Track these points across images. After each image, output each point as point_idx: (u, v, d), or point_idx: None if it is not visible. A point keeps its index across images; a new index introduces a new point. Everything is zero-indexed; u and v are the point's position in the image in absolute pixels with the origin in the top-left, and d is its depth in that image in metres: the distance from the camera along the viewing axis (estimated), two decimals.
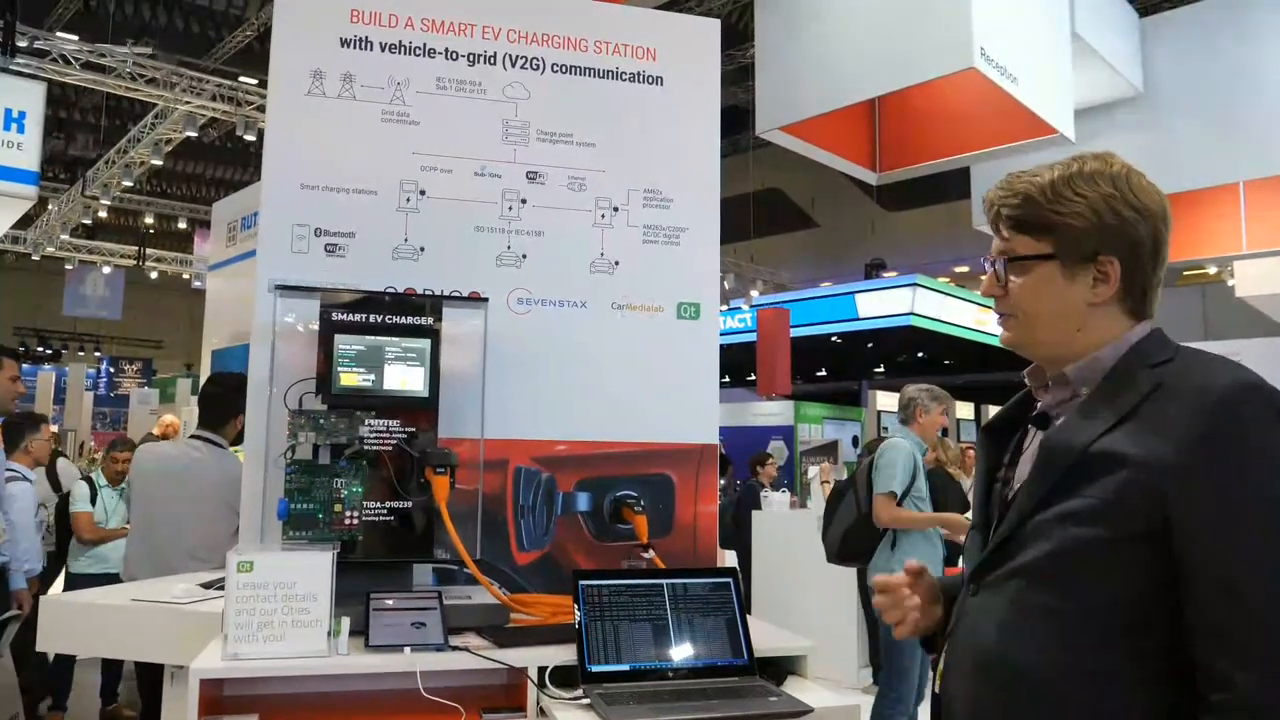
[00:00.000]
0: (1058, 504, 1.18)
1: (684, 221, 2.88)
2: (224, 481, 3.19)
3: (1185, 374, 1.17)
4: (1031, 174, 1.29)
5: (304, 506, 2.26)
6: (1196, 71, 5.92)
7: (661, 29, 2.97)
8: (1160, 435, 1.12)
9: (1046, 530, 1.18)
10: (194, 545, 3.19)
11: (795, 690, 1.97)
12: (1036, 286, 1.27)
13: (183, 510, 3.24)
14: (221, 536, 3.14)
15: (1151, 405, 1.15)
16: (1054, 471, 1.19)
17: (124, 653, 2.51)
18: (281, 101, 2.64)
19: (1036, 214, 1.27)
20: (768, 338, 14.08)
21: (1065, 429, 1.23)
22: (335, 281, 2.51)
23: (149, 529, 3.31)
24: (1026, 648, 1.18)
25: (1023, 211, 1.28)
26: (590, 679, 1.93)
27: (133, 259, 19.46)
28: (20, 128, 7.49)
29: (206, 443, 3.34)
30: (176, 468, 3.34)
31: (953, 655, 1.31)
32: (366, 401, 2.35)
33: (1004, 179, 1.33)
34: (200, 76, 11.86)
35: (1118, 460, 1.13)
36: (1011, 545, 1.23)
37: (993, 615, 1.23)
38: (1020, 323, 1.30)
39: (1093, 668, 1.13)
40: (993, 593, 1.25)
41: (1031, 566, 1.19)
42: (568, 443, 2.73)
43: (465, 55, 2.77)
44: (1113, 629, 1.13)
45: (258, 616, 1.91)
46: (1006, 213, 1.30)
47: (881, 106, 5.82)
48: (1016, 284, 1.29)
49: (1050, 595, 1.17)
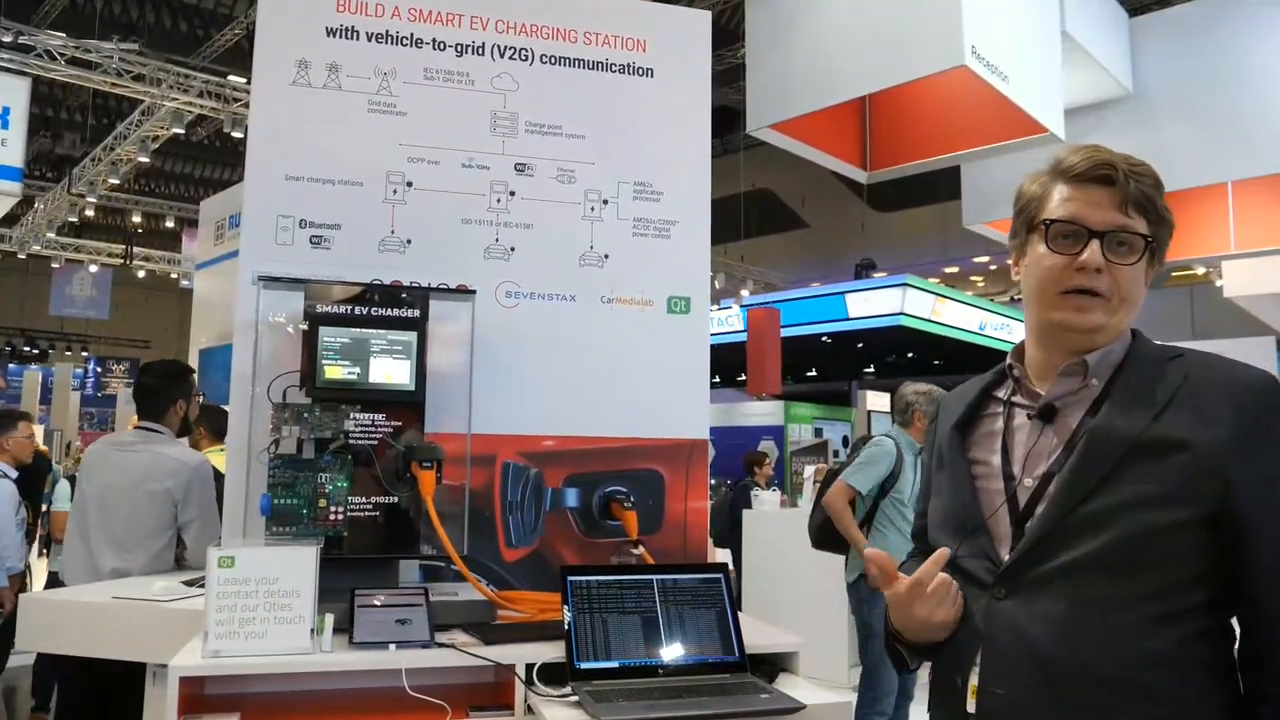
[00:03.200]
0: (1112, 493, 1.15)
1: (674, 215, 2.86)
2: (154, 467, 3.08)
3: (1205, 367, 1.19)
4: (1131, 157, 1.24)
5: (287, 501, 2.22)
6: (1185, 71, 5.94)
7: (652, 20, 2.95)
8: (1210, 422, 1.13)
9: (1103, 520, 1.15)
10: (119, 535, 3.03)
11: (787, 687, 1.95)
12: (1139, 272, 1.24)
13: (111, 499, 3.08)
14: (149, 525, 3.03)
15: (1187, 395, 1.17)
16: (1106, 461, 1.17)
17: (104, 651, 2.46)
18: (266, 91, 2.61)
19: (1158, 200, 1.23)
20: (758, 338, 14.09)
21: (1109, 419, 1.19)
22: (320, 274, 2.47)
23: (81, 518, 3.15)
24: (1095, 645, 1.13)
25: (1155, 193, 1.23)
26: (579, 676, 1.90)
27: (120, 258, 19.31)
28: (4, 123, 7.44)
29: (146, 431, 3.25)
30: (115, 458, 3.19)
31: (994, 667, 1.21)
32: (352, 395, 2.31)
33: (1110, 152, 1.24)
34: (187, 73, 11.78)
35: (1175, 445, 1.13)
36: (1051, 541, 1.18)
37: (1043, 616, 1.17)
38: (1113, 306, 1.23)
39: (1171, 655, 1.12)
40: (1036, 592, 1.19)
41: (1087, 560, 1.15)
42: (556, 438, 2.70)
43: (453, 45, 2.74)
44: (1182, 615, 1.12)
45: (239, 613, 1.87)
46: (1140, 189, 1.22)
47: (872, 105, 5.82)
48: (1123, 266, 1.22)
49: (1114, 586, 1.14)
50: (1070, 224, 1.22)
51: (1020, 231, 1.32)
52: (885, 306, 15.55)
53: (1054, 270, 1.23)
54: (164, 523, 3.04)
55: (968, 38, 4.29)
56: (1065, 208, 1.24)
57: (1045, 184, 1.29)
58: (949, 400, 1.44)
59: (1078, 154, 1.25)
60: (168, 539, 3.05)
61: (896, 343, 18.15)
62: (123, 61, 11.14)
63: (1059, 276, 1.23)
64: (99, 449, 3.32)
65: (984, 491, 1.30)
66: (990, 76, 4.49)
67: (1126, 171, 1.22)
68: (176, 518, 3.06)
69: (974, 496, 1.30)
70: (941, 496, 1.38)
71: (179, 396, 3.32)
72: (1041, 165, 1.32)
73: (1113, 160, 1.22)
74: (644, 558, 2.47)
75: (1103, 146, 1.25)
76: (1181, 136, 5.90)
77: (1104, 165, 1.22)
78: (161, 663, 2.23)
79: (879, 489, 4.17)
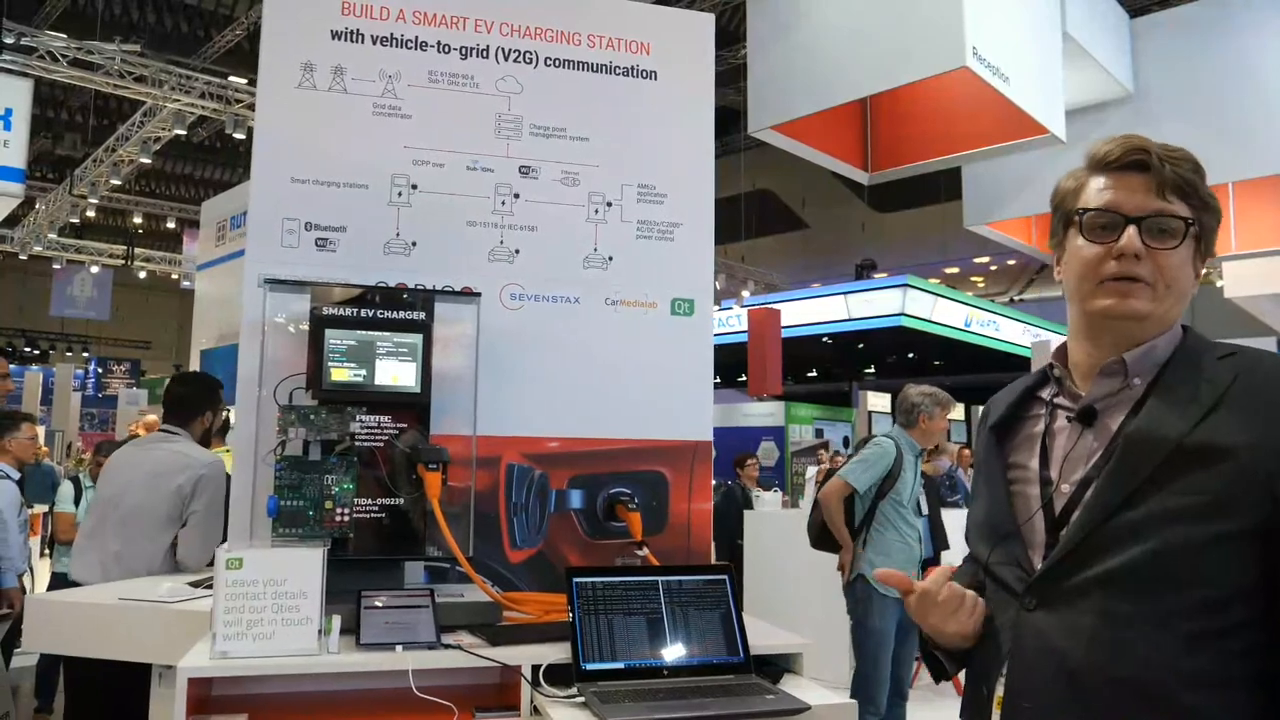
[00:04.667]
0: (1153, 501, 1.09)
1: (678, 217, 2.87)
2: (169, 462, 3.11)
3: (1258, 366, 1.13)
4: (1168, 144, 1.20)
5: (294, 503, 2.23)
6: (1186, 72, 5.94)
7: (655, 23, 2.95)
8: (1261, 426, 1.07)
9: (1142, 530, 1.09)
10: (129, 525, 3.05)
11: (791, 688, 1.96)
12: (1184, 257, 1.18)
13: (125, 491, 3.10)
14: (158, 517, 3.04)
15: (1237, 397, 1.10)
16: (1145, 466, 1.10)
17: (111, 652, 2.47)
18: (271, 94, 2.62)
19: (1199, 185, 1.18)
20: (758, 338, 14.10)
21: (1149, 421, 1.13)
22: (326, 276, 2.48)
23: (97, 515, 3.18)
24: (1135, 660, 1.07)
25: (1194, 178, 1.18)
26: (584, 677, 1.91)
27: (121, 259, 19.32)
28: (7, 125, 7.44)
29: (166, 433, 3.28)
30: (134, 456, 3.22)
31: (1021, 679, 1.16)
32: (358, 397, 2.32)
33: (1144, 139, 1.20)
34: (189, 74, 11.78)
35: (1221, 452, 1.07)
36: (1086, 550, 1.12)
37: (1076, 628, 1.11)
38: (1158, 293, 1.17)
39: (1214, 674, 1.05)
40: (1069, 603, 1.13)
41: (1124, 571, 1.09)
42: (560, 439, 2.71)
43: (457, 48, 2.75)
44: (1225, 631, 1.06)
45: (247, 614, 1.88)
46: (1177, 173, 1.17)
47: (873, 106, 5.82)
48: (1165, 251, 1.16)
49: (1152, 600, 1.07)
50: (1105, 212, 1.18)
51: (1058, 229, 1.27)
52: (886, 307, 15.57)
53: (1092, 260, 1.19)
54: (172, 516, 3.05)
55: (969, 39, 4.30)
56: (1100, 197, 1.20)
57: (1080, 178, 1.25)
58: (993, 402, 1.38)
59: (1111, 142, 1.21)
60: (174, 533, 3.07)
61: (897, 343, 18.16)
62: (124, 63, 11.14)
63: (1098, 266, 1.18)
64: (122, 452, 3.36)
65: (1020, 496, 1.25)
66: (991, 78, 4.50)
67: (1161, 156, 1.18)
68: (184, 514, 3.08)
69: (1008, 501, 1.25)
70: (980, 501, 1.33)
71: (208, 409, 3.37)
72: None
73: (1146, 145, 1.19)
74: (648, 559, 2.48)
75: (1137, 134, 1.22)
76: (1182, 137, 5.76)
77: (1137, 150, 1.18)
78: (167, 664, 2.24)
79: (877, 490, 4.18)
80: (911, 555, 4.17)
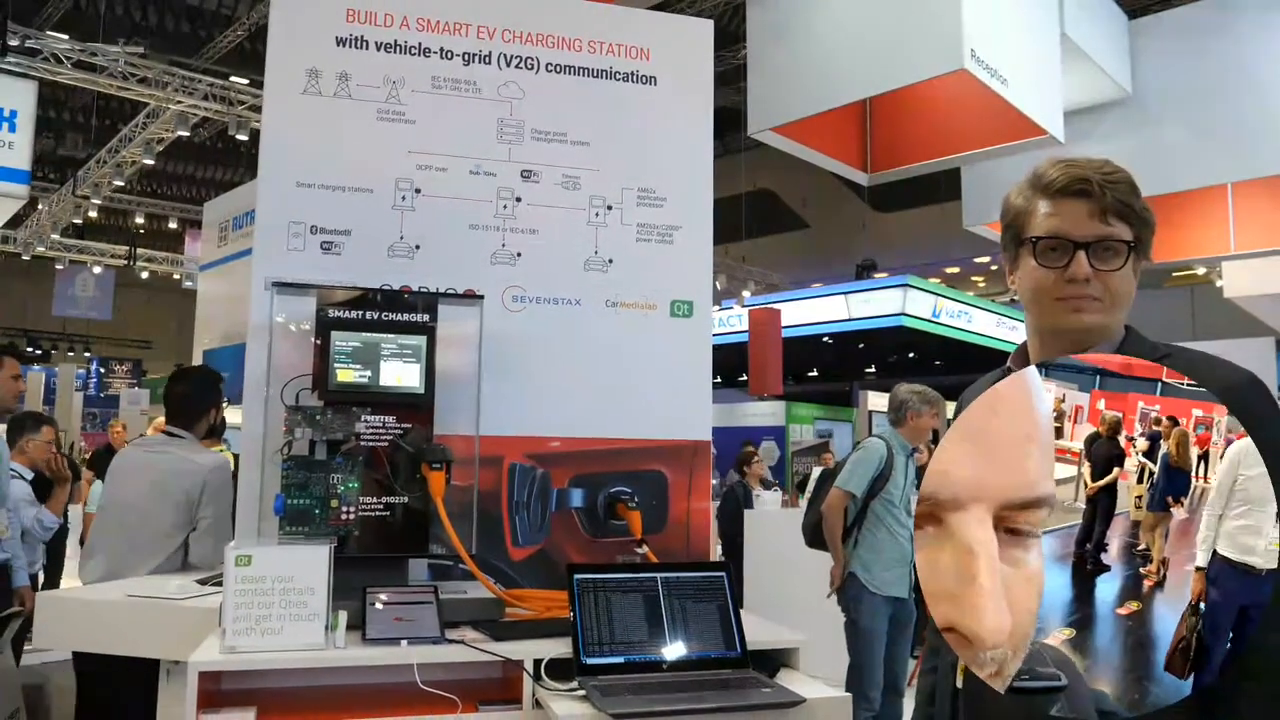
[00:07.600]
0: None
1: (677, 220, 2.91)
2: (176, 469, 3.11)
3: (1193, 371, 1.22)
4: (1107, 164, 1.29)
5: (300, 502, 2.27)
6: (1185, 73, 5.98)
7: (655, 29, 3.00)
8: None
9: None
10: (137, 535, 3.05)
11: (787, 683, 2.00)
12: (1126, 274, 1.28)
13: (133, 499, 3.11)
14: (166, 526, 3.05)
15: None
16: None
17: (120, 648, 2.50)
18: (277, 100, 2.66)
19: (1135, 204, 1.28)
20: (759, 338, 14.13)
21: None
22: (331, 279, 2.52)
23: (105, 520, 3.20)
24: None
25: (1132, 199, 1.28)
26: (585, 671, 1.95)
27: (123, 259, 19.36)
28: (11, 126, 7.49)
29: (171, 436, 3.30)
30: (140, 459, 3.25)
31: None
32: (362, 398, 2.36)
33: (1083, 161, 1.30)
34: (192, 76, 11.83)
35: None
36: None
37: None
38: (1106, 306, 1.28)
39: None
40: None
41: None
42: (562, 439, 2.75)
43: (460, 54, 2.79)
44: None
45: (255, 610, 1.92)
46: (1117, 198, 1.27)
47: (873, 107, 5.86)
48: (1109, 270, 1.27)
49: None
50: (1054, 239, 1.28)
51: (1010, 245, 1.38)
52: (886, 307, 15.59)
53: (1045, 283, 1.29)
54: (179, 525, 3.07)
55: (967, 41, 4.33)
56: (1048, 223, 1.29)
57: (1029, 198, 1.34)
58: (965, 397, 1.48)
59: (1055, 169, 1.31)
60: (182, 540, 3.09)
61: (898, 343, 18.18)
62: (128, 65, 11.18)
63: (1051, 288, 1.29)
64: (127, 453, 3.37)
65: None
66: (990, 79, 4.53)
67: (1100, 182, 1.27)
68: (192, 519, 3.10)
69: None
70: None
71: (211, 406, 3.37)
72: None
73: (1087, 174, 1.28)
74: (648, 557, 2.52)
75: (1077, 159, 1.31)
76: (1181, 138, 5.93)
77: (1079, 180, 1.28)
78: (175, 659, 2.29)
79: (869, 489, 4.23)
80: (903, 553, 4.22)
